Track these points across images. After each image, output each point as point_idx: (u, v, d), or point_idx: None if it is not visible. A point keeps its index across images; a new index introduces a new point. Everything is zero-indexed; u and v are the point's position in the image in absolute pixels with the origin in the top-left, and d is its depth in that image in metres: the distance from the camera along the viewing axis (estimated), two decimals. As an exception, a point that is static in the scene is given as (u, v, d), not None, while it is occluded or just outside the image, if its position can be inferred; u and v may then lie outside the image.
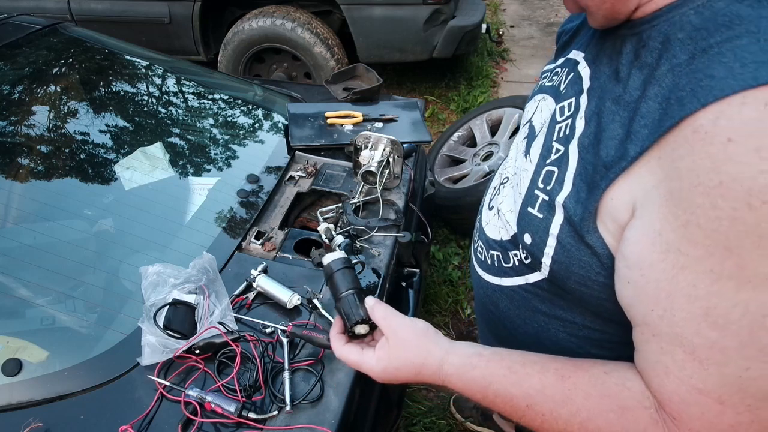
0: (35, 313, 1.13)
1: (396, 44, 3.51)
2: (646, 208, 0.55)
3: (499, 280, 0.84)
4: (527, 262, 0.75)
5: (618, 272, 0.60)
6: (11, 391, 1.01)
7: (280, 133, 1.83)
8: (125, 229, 1.38)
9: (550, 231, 0.66)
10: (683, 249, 0.51)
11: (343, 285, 0.84)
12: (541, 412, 0.64)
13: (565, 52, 0.81)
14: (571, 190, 0.64)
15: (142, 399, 1.00)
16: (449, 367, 0.70)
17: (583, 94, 0.67)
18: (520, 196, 0.74)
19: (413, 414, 2.06)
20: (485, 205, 0.94)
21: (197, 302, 1.13)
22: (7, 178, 1.36)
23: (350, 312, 0.81)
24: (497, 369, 0.68)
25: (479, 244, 0.90)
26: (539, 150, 0.73)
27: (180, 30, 3.61)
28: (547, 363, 0.66)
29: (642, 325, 0.58)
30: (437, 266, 2.66)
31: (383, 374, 0.74)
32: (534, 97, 0.85)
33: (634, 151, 0.56)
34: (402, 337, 0.74)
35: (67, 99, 1.73)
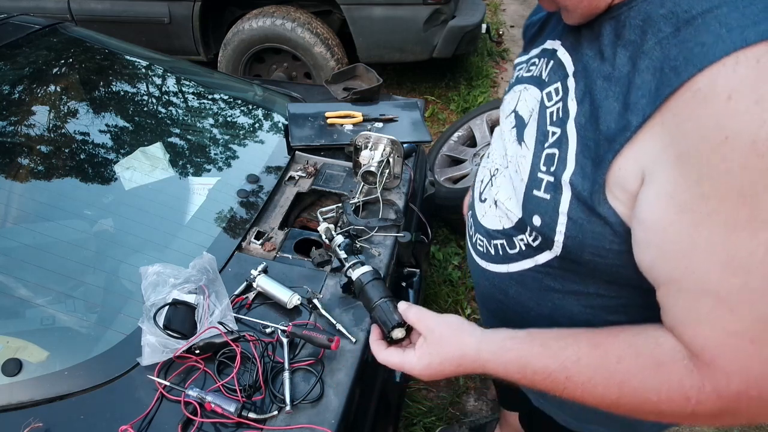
0: (35, 313, 1.13)
1: (396, 44, 3.51)
2: (656, 173, 0.57)
3: (506, 267, 0.85)
4: (535, 244, 0.77)
5: (636, 237, 0.61)
6: (11, 391, 1.01)
7: (280, 133, 1.83)
8: (125, 229, 1.38)
9: (560, 210, 0.68)
10: (697, 206, 0.54)
11: (375, 295, 0.88)
12: (580, 382, 0.65)
13: (537, 43, 0.84)
14: (575, 167, 0.66)
15: (142, 399, 1.00)
16: (486, 353, 0.73)
17: (569, 78, 0.70)
18: (522, 182, 0.75)
19: (413, 414, 2.06)
20: (476, 200, 0.95)
21: (197, 302, 1.13)
22: (7, 178, 1.36)
23: (386, 318, 0.83)
24: (531, 348, 0.70)
25: (477, 238, 0.91)
26: (534, 136, 0.75)
27: (180, 30, 3.61)
28: (577, 335, 0.68)
29: (667, 284, 0.60)
30: (437, 266, 2.66)
31: (427, 371, 0.77)
32: (513, 88, 0.87)
33: (637, 121, 0.58)
34: (438, 333, 0.77)
35: (67, 99, 1.73)
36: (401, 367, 0.79)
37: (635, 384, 0.62)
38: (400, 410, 1.58)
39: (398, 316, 0.83)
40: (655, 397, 0.61)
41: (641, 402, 0.62)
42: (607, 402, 0.65)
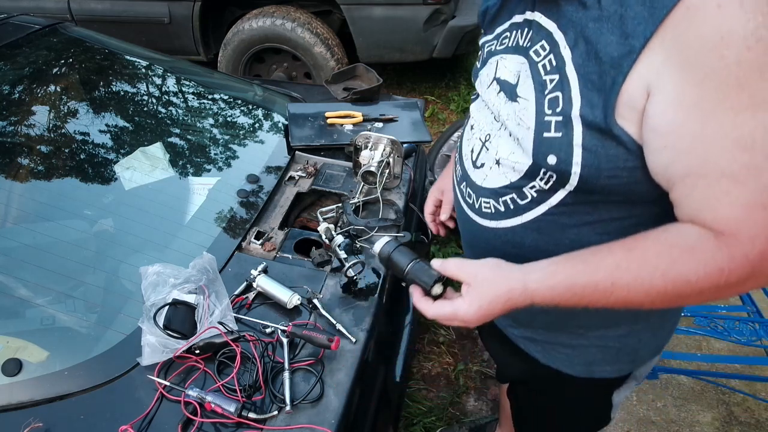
0: (35, 313, 1.13)
1: (396, 44, 3.51)
2: (661, 83, 0.66)
3: (519, 219, 0.89)
4: (547, 187, 0.82)
5: (650, 145, 0.70)
6: (11, 391, 1.01)
7: (280, 133, 1.83)
8: (125, 229, 1.38)
9: (574, 143, 0.75)
10: (704, 100, 0.63)
11: (405, 260, 0.90)
12: (626, 283, 0.72)
13: (500, 22, 0.93)
14: (582, 101, 0.73)
15: (142, 399, 1.00)
16: (533, 283, 0.78)
17: (555, 33, 0.78)
18: (529, 129, 0.80)
19: (413, 414, 2.06)
20: (469, 171, 0.97)
21: (197, 302, 1.13)
22: (7, 178, 1.36)
23: (425, 276, 0.86)
24: (573, 266, 0.76)
25: (482, 202, 0.94)
26: (531, 88, 0.81)
27: (180, 30, 3.61)
28: (610, 246, 0.75)
29: (683, 179, 0.69)
30: (437, 266, 2.66)
31: (479, 313, 0.80)
32: (488, 62, 0.94)
33: (639, 44, 0.67)
34: (483, 275, 0.81)
35: (67, 99, 1.73)
36: (454, 315, 0.82)
37: (676, 270, 0.69)
38: (400, 410, 1.58)
39: (435, 272, 0.85)
40: (695, 277, 0.68)
41: (683, 285, 0.69)
42: (652, 295, 0.71)
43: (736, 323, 1.88)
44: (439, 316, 0.84)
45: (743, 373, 2.17)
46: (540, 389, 1.17)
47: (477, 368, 2.26)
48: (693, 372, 2.11)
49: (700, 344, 2.35)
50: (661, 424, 2.05)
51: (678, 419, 2.07)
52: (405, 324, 1.59)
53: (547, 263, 0.79)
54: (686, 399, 2.13)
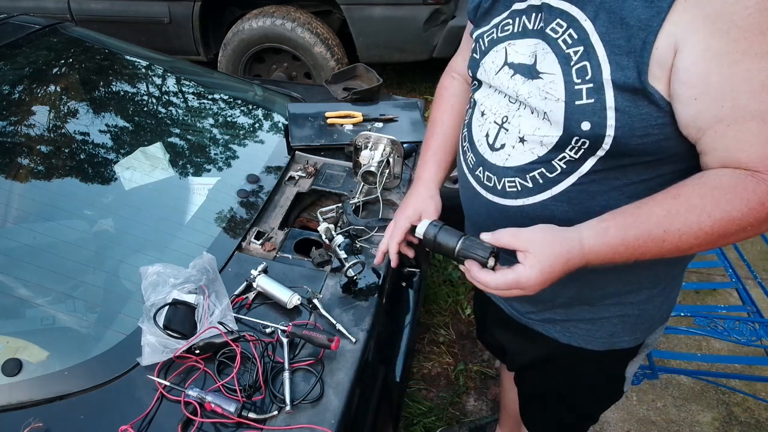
0: (35, 313, 1.13)
1: (396, 44, 3.51)
2: (688, 38, 0.70)
3: (549, 192, 0.90)
4: (578, 156, 0.85)
5: (680, 98, 0.73)
6: (11, 391, 1.01)
7: (280, 133, 1.83)
8: (125, 229, 1.38)
9: (607, 105, 0.78)
10: (730, 49, 0.69)
11: (452, 239, 0.90)
12: (677, 228, 0.76)
13: (496, 12, 0.95)
14: (611, 66, 0.76)
15: (142, 399, 1.00)
16: (588, 240, 0.80)
17: (571, 9, 0.80)
18: (559, 101, 0.82)
19: (413, 414, 2.06)
20: (486, 153, 0.98)
21: (197, 302, 1.13)
22: (7, 178, 1.36)
23: (480, 250, 0.86)
24: (624, 220, 0.79)
25: (505, 182, 0.95)
26: (555, 62, 0.83)
27: (180, 30, 3.61)
28: (654, 197, 0.79)
29: (715, 125, 0.73)
30: (437, 266, 2.66)
31: (541, 277, 0.81)
32: (492, 50, 0.95)
33: (666, 3, 0.71)
34: (539, 239, 0.82)
35: (67, 99, 1.73)
36: (517, 281, 0.82)
37: (721, 209, 0.73)
38: (400, 410, 1.58)
39: (488, 244, 0.86)
40: (739, 214, 0.73)
41: (728, 222, 0.74)
42: (701, 237, 0.75)
43: (736, 323, 1.87)
44: (502, 286, 0.84)
45: (743, 373, 2.17)
46: (554, 370, 1.18)
47: (477, 368, 2.26)
48: (693, 372, 2.11)
49: (700, 344, 2.35)
50: (661, 424, 2.05)
51: (678, 419, 2.07)
52: (405, 324, 1.59)
53: (596, 221, 0.81)
54: (686, 399, 2.13)
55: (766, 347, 1.94)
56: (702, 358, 2.12)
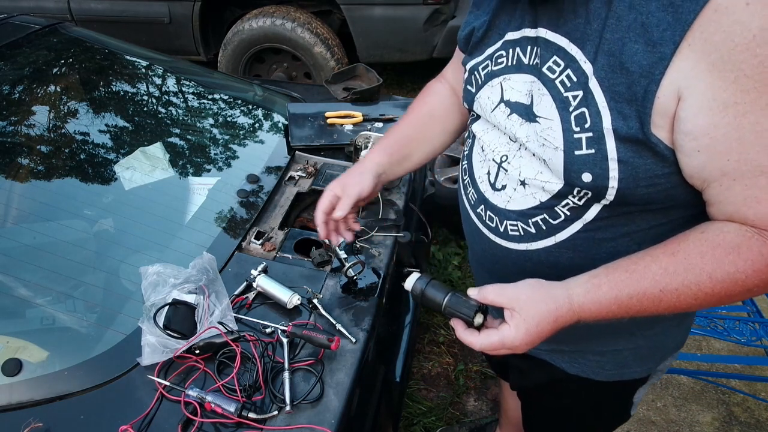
0: (35, 313, 1.13)
1: (396, 44, 3.51)
2: (693, 86, 0.66)
3: (553, 239, 0.87)
4: (582, 203, 0.81)
5: (684, 149, 0.69)
6: (11, 391, 1.01)
7: (280, 133, 1.83)
8: (125, 229, 1.38)
9: (609, 157, 0.73)
10: (738, 99, 0.64)
11: (439, 294, 0.87)
12: (674, 288, 0.71)
13: (489, 42, 0.90)
14: (612, 114, 0.72)
15: (142, 399, 1.00)
16: (578, 297, 0.76)
17: (569, 47, 0.76)
18: (558, 150, 0.78)
19: (413, 414, 2.06)
20: (487, 192, 0.94)
21: (197, 302, 1.13)
22: (7, 178, 1.36)
23: (465, 307, 0.83)
24: (618, 277, 0.74)
25: (507, 225, 0.92)
26: (552, 107, 0.78)
27: (180, 30, 3.61)
28: (651, 251, 0.75)
29: (720, 178, 0.69)
30: (437, 266, 2.66)
31: (527, 337, 0.77)
32: (488, 84, 0.91)
33: (669, 50, 0.66)
34: (525, 297, 0.78)
35: (67, 99, 1.73)
36: (502, 343, 0.78)
37: (723, 270, 0.69)
38: (400, 410, 1.58)
39: (474, 302, 0.83)
40: (743, 276, 0.69)
41: (732, 284, 0.69)
42: (701, 297, 0.71)
43: (736, 323, 1.88)
44: (486, 347, 0.80)
45: (743, 373, 2.17)
46: (559, 394, 1.15)
47: (477, 368, 2.26)
48: (693, 372, 2.12)
49: (700, 344, 2.35)
50: (661, 424, 2.05)
51: (678, 419, 2.07)
52: (405, 324, 1.59)
53: (587, 276, 0.77)
54: (686, 399, 2.13)
55: (766, 347, 1.95)
56: (702, 358, 2.12)
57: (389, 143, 1.15)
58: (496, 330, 0.79)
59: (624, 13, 0.70)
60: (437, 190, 2.49)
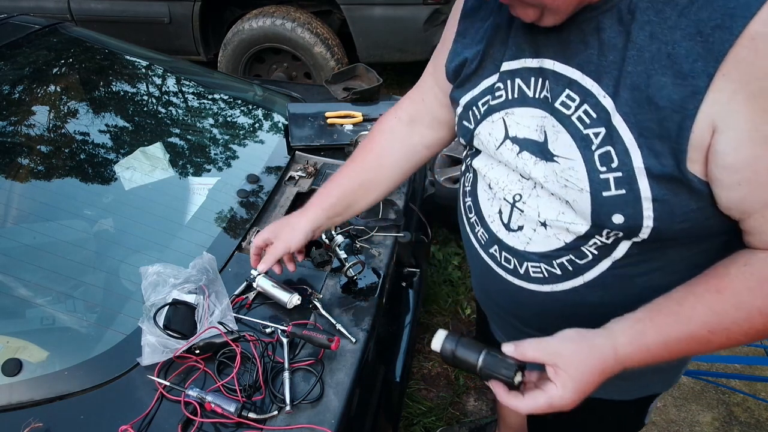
0: (35, 313, 1.13)
1: (396, 44, 3.51)
2: (731, 118, 0.62)
3: (581, 279, 0.83)
4: (610, 241, 0.77)
5: (723, 182, 0.66)
6: (11, 391, 1.01)
7: (280, 133, 1.83)
8: (125, 229, 1.38)
9: (642, 197, 0.69)
10: None
11: (472, 354, 0.79)
12: (724, 328, 0.68)
13: (484, 73, 0.85)
14: (642, 151, 0.68)
15: (142, 399, 1.00)
16: (623, 347, 0.72)
17: (583, 80, 0.71)
18: (582, 191, 0.73)
19: (413, 414, 2.06)
20: (500, 232, 0.89)
21: (197, 302, 1.13)
22: (7, 178, 1.36)
23: (504, 368, 0.77)
24: (664, 321, 0.71)
25: (529, 266, 0.86)
26: (572, 145, 0.74)
27: (180, 30, 3.61)
28: (692, 289, 0.71)
29: (762, 209, 0.66)
30: (437, 266, 2.66)
31: (575, 395, 0.73)
32: (488, 119, 0.85)
33: (704, 82, 0.62)
34: (568, 352, 0.73)
35: (68, 99, 1.73)
36: (550, 405, 0.73)
37: None
38: (400, 410, 1.58)
39: (512, 360, 0.76)
40: None
41: None
42: (752, 333, 0.68)
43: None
44: (533, 410, 0.75)
45: (743, 373, 2.17)
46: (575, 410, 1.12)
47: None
48: (693, 372, 2.11)
49: (700, 344, 2.35)
50: (661, 424, 2.05)
51: (678, 419, 2.07)
52: (405, 324, 1.59)
53: (630, 322, 0.73)
54: (686, 399, 2.13)
55: (766, 347, 1.95)
56: (702, 358, 2.12)
57: (328, 199, 1.11)
58: (542, 391, 0.74)
59: (645, 44, 0.66)
60: (437, 190, 2.49)
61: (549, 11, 0.69)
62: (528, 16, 0.71)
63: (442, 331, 0.83)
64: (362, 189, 1.11)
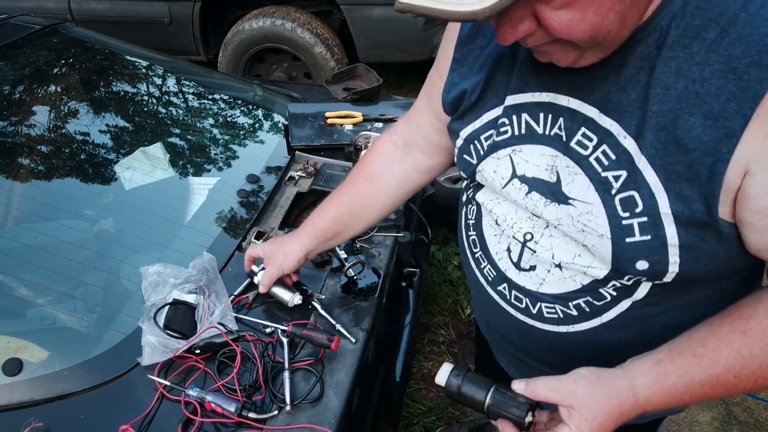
0: (35, 313, 1.13)
1: (396, 44, 3.51)
2: (764, 161, 0.58)
3: (598, 320, 0.79)
4: (630, 284, 0.73)
5: (755, 226, 0.62)
6: (11, 391, 1.01)
7: (280, 133, 1.83)
8: (125, 229, 1.38)
9: (669, 243, 0.66)
10: None
11: (480, 392, 0.76)
12: (751, 372, 0.65)
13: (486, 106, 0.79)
14: (669, 196, 0.64)
15: (142, 399, 1.00)
16: (643, 389, 0.69)
17: (601, 119, 0.67)
18: (603, 237, 0.70)
19: (413, 414, 2.06)
20: (509, 271, 0.85)
21: (197, 302, 1.13)
22: (7, 178, 1.36)
23: (514, 407, 0.74)
24: (686, 363, 0.67)
25: (542, 306, 0.83)
26: (590, 188, 0.70)
27: (180, 30, 3.61)
28: (715, 329, 0.68)
29: None
30: (437, 266, 2.66)
31: None
32: (492, 156, 0.80)
33: (739, 125, 0.58)
34: (583, 393, 0.70)
35: (68, 99, 1.73)
36: None
37: None
38: (400, 410, 1.58)
39: (523, 398, 0.74)
40: None
41: None
42: None
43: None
44: None
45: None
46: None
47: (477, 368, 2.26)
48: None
49: (700, 344, 2.35)
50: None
51: (678, 419, 2.07)
52: (405, 324, 1.59)
53: (651, 363, 0.69)
54: (686, 399, 2.13)
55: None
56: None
57: (319, 227, 1.09)
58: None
59: (671, 81, 0.61)
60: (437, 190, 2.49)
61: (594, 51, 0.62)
62: (567, 60, 0.64)
63: (448, 364, 0.80)
64: (354, 216, 1.08)
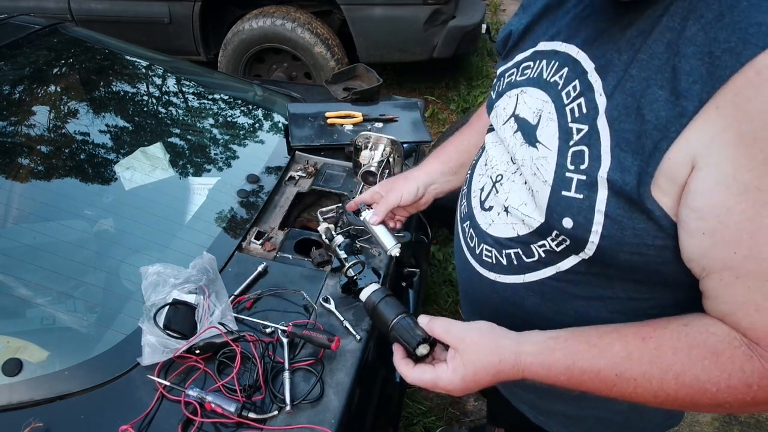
0: (35, 313, 1.13)
1: (396, 44, 3.51)
2: (712, 156, 0.55)
3: (521, 277, 0.81)
4: (559, 249, 0.73)
5: (687, 226, 0.59)
6: (11, 391, 1.01)
7: (280, 133, 1.83)
8: (125, 229, 1.38)
9: (596, 208, 0.65)
10: (763, 186, 0.53)
11: (391, 313, 0.82)
12: (632, 378, 0.63)
13: (522, 48, 0.83)
14: (612, 162, 0.63)
15: (142, 399, 1.00)
16: (527, 356, 0.70)
17: (590, 74, 0.68)
18: (546, 183, 0.70)
19: (413, 414, 2.06)
20: (475, 209, 0.89)
21: (197, 302, 1.13)
22: (7, 178, 1.36)
23: (409, 335, 0.78)
24: (577, 345, 0.67)
25: (483, 248, 0.86)
26: (554, 135, 0.71)
27: (180, 30, 3.61)
28: (622, 329, 0.67)
29: (721, 271, 0.59)
30: (437, 266, 2.66)
31: (462, 384, 0.72)
32: (507, 93, 0.84)
33: (693, 106, 0.56)
34: (471, 341, 0.73)
35: (68, 99, 1.73)
36: (435, 384, 0.74)
37: (693, 375, 0.60)
38: (400, 410, 1.58)
39: (421, 331, 0.78)
40: (714, 388, 0.59)
41: (699, 393, 0.60)
42: (661, 397, 0.63)
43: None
44: (417, 383, 0.75)
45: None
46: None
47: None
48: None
49: (700, 344, 2.35)
50: (661, 424, 2.05)
51: (678, 419, 2.07)
52: (405, 324, 1.59)
53: (545, 336, 0.71)
54: (686, 399, 2.13)
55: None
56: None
57: (445, 152, 1.09)
58: (432, 368, 0.75)
59: (659, 51, 0.61)
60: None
61: None
62: None
63: (375, 284, 0.86)
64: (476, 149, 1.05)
